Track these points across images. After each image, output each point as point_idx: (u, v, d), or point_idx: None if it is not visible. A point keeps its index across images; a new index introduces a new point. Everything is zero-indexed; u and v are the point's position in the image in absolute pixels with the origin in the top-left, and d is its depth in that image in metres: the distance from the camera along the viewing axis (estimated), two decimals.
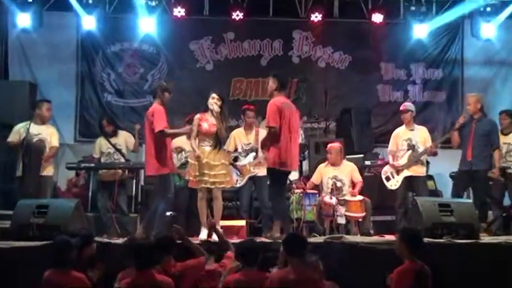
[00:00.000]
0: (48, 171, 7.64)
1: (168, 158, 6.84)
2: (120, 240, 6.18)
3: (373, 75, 11.00)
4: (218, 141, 6.80)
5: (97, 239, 6.46)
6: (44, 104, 7.85)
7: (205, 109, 6.88)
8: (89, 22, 10.28)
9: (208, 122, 6.79)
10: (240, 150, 8.03)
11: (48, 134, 7.72)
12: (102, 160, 8.20)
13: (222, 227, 6.75)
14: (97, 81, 10.68)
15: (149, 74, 10.74)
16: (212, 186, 6.76)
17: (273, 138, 6.51)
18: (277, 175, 6.62)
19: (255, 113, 8.19)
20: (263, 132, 8.04)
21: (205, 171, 6.71)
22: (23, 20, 10.06)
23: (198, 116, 6.87)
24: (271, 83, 6.65)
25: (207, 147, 6.78)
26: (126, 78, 10.69)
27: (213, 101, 6.84)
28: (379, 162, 8.98)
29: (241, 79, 10.91)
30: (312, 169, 8.45)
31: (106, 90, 10.68)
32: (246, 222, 7.56)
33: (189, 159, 7.03)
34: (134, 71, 10.75)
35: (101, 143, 8.33)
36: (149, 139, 6.77)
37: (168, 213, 7.28)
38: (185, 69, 10.82)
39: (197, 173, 6.76)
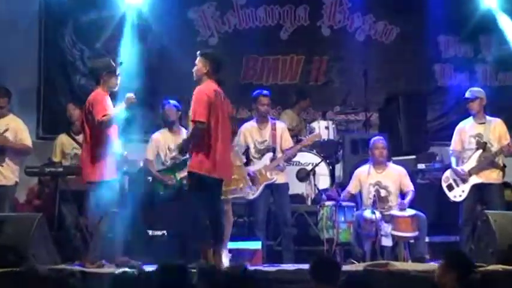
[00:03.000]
0: (8, 179, 7.70)
1: (112, 160, 6.86)
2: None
3: (428, 52, 10.94)
4: None
5: (66, 266, 6.49)
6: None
7: None
8: None
9: None
10: (252, 150, 8.02)
11: (11, 130, 7.77)
12: (66, 164, 8.20)
13: (230, 251, 6.73)
14: (66, 59, 10.68)
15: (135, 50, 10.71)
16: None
17: (198, 138, 6.45)
18: (209, 183, 6.50)
19: (272, 100, 8.16)
20: (282, 126, 8.02)
21: None
22: None
23: None
24: (201, 66, 6.65)
25: None
26: (104, 55, 10.67)
27: None
28: (437, 165, 8.92)
29: (255, 57, 10.89)
30: (348, 174, 8.42)
31: (78, 71, 10.67)
32: (262, 244, 7.53)
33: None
34: (115, 47, 10.72)
35: (63, 141, 8.29)
36: (88, 136, 6.85)
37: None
38: (182, 44, 10.76)
39: None
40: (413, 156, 9.05)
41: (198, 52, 6.75)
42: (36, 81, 10.63)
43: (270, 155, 7.89)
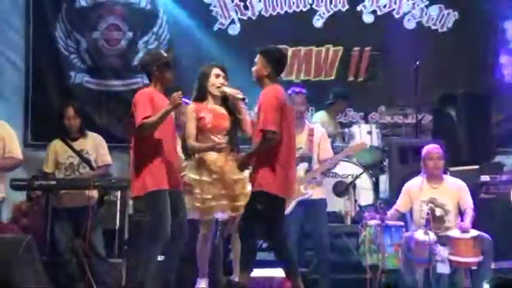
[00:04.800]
0: None
1: (166, 169, 6.76)
2: None
3: (493, 42, 10.95)
4: (233, 141, 6.92)
5: None
6: None
7: (202, 96, 7.02)
8: None
9: (215, 112, 6.93)
10: None
11: None
12: (60, 176, 8.14)
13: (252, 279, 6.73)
14: (59, 52, 10.77)
15: (141, 41, 10.85)
16: (234, 214, 6.80)
17: (267, 150, 6.41)
18: (279, 204, 6.50)
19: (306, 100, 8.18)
20: (321, 132, 8.01)
21: (216, 192, 6.78)
22: None
23: (192, 105, 7.01)
24: (260, 66, 6.64)
25: (214, 154, 6.84)
26: (104, 47, 10.75)
27: (218, 81, 7.01)
28: (505, 177, 8.87)
29: (284, 48, 10.86)
30: (395, 188, 8.41)
31: (73, 66, 10.77)
32: None
33: (187, 173, 7.01)
34: (118, 37, 10.80)
35: (57, 149, 8.29)
36: (133, 142, 6.81)
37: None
38: (197, 33, 10.84)
39: (206, 195, 6.77)
40: (476, 167, 9.00)
41: (258, 49, 6.76)
42: (23, 79, 10.73)
43: (304, 165, 7.87)
